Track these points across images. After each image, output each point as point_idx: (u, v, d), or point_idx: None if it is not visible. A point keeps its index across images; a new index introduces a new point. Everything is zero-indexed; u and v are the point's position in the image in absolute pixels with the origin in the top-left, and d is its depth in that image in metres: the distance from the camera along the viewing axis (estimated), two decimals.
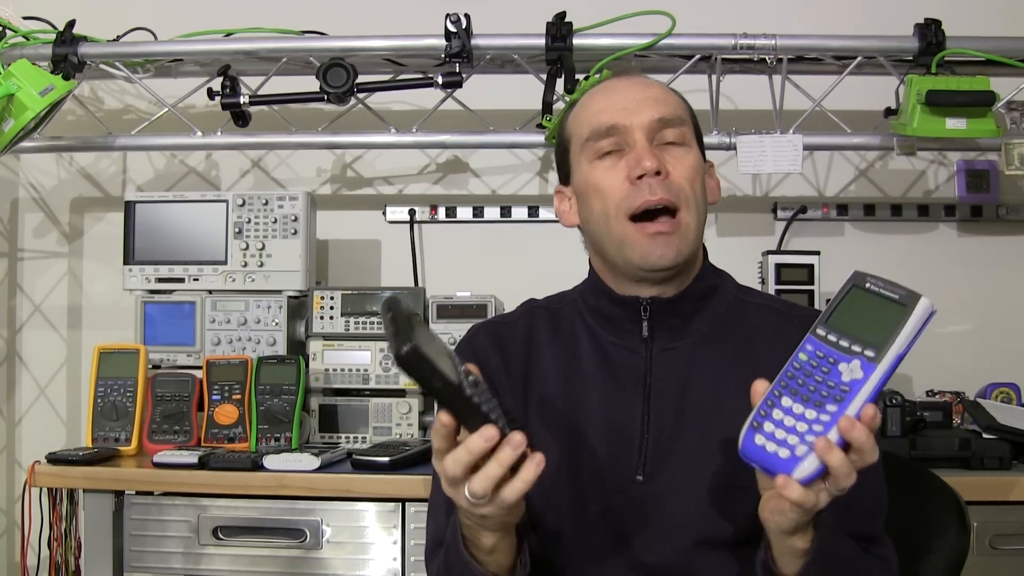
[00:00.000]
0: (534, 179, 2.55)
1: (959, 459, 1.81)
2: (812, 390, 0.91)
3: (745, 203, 2.51)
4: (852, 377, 0.89)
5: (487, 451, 0.89)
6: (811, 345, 0.93)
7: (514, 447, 0.88)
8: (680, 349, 1.16)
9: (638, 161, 1.11)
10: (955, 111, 1.97)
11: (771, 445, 0.90)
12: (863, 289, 0.94)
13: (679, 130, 1.15)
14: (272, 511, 1.87)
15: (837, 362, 0.91)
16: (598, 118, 1.15)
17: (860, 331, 0.91)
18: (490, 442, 0.88)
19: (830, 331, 0.93)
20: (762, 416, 0.92)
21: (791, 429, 0.90)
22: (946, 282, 2.44)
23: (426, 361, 0.86)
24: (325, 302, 2.20)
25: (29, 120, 2.03)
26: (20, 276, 2.65)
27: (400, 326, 0.87)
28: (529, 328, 1.23)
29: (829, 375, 0.91)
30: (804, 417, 0.90)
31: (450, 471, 0.91)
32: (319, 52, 2.15)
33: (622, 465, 1.12)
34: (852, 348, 0.91)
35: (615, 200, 1.13)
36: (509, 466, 0.89)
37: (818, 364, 0.92)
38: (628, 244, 1.12)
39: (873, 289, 0.93)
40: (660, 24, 2.06)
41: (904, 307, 0.90)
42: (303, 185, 2.56)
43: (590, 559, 1.12)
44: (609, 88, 1.19)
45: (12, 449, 2.62)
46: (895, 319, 0.90)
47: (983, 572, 1.71)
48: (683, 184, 1.12)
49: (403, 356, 0.85)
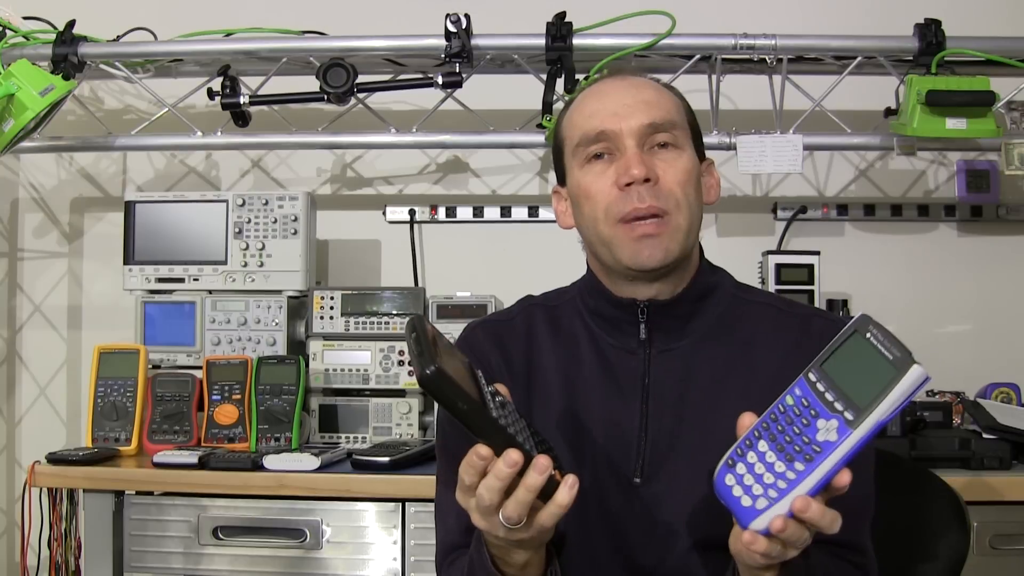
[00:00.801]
0: (534, 179, 2.55)
1: (959, 459, 1.81)
2: (788, 441, 0.87)
3: (745, 203, 2.51)
4: (826, 438, 0.85)
5: (513, 476, 0.88)
6: (800, 390, 0.89)
7: (539, 472, 0.88)
8: (678, 351, 1.15)
9: (627, 168, 1.11)
10: (955, 111, 1.97)
11: (737, 489, 0.89)
12: (863, 338, 0.87)
13: (671, 134, 1.15)
14: (272, 511, 1.87)
15: (818, 416, 0.86)
16: (589, 123, 1.15)
17: (848, 386, 0.86)
18: (514, 467, 0.87)
19: (820, 378, 0.88)
20: (738, 455, 0.90)
21: (759, 477, 0.88)
22: (946, 282, 2.44)
23: (450, 383, 0.84)
24: (325, 302, 2.20)
25: (29, 120, 2.03)
26: (20, 276, 2.65)
27: (424, 346, 0.86)
28: (528, 327, 1.22)
29: (807, 429, 0.86)
30: (773, 468, 0.87)
31: (485, 500, 0.89)
32: (319, 52, 2.15)
33: (620, 467, 1.12)
34: (835, 405, 0.86)
35: (604, 205, 1.13)
36: (537, 491, 0.88)
37: (800, 413, 0.88)
38: (617, 246, 1.12)
39: (872, 341, 0.86)
40: (660, 24, 2.06)
41: (896, 371, 0.83)
42: (303, 185, 2.56)
43: (589, 560, 1.12)
44: (601, 91, 1.18)
45: (12, 449, 2.62)
46: (883, 382, 0.83)
47: (983, 572, 1.71)
48: (673, 188, 1.12)
49: (427, 378, 0.84)
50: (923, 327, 2.41)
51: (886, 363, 0.84)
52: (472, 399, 0.86)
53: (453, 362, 0.88)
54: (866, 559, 1.08)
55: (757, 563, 0.90)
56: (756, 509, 0.87)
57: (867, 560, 1.08)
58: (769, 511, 0.86)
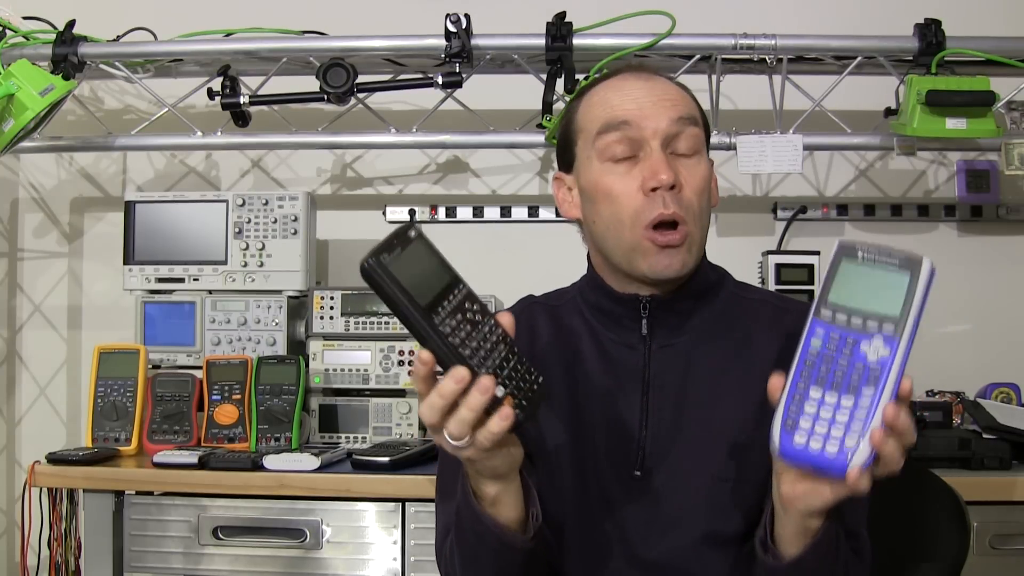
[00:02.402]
0: (534, 179, 2.55)
1: (959, 459, 1.81)
2: (840, 376, 0.86)
3: (745, 203, 2.51)
4: (879, 356, 0.85)
5: (457, 393, 0.88)
6: (821, 329, 0.88)
7: (480, 391, 0.87)
8: (678, 346, 1.16)
9: (654, 173, 1.10)
10: (955, 111, 1.97)
11: (815, 443, 0.85)
12: (856, 260, 0.89)
13: (693, 136, 1.14)
14: (272, 511, 1.87)
15: (857, 342, 0.86)
16: (612, 112, 1.13)
17: (868, 305, 0.87)
18: (460, 383, 0.87)
19: (836, 311, 0.88)
20: (793, 413, 0.87)
21: (831, 421, 0.85)
22: (946, 282, 2.40)
23: (388, 280, 0.85)
24: (325, 302, 2.20)
25: (29, 120, 2.03)
26: (20, 276, 2.65)
27: (383, 243, 0.87)
28: (530, 324, 1.23)
29: (853, 357, 0.86)
30: (841, 406, 0.85)
31: (426, 417, 0.90)
32: (319, 52, 2.15)
33: (621, 460, 1.13)
34: (868, 325, 0.86)
35: (629, 210, 1.11)
36: (479, 410, 0.88)
37: (836, 348, 0.87)
38: (639, 253, 1.12)
39: (867, 259, 0.88)
40: (660, 24, 2.06)
41: (908, 272, 0.86)
42: (303, 185, 2.56)
43: (590, 554, 1.13)
44: (623, 85, 1.16)
45: (12, 449, 2.62)
46: (902, 286, 0.86)
47: (983, 572, 1.71)
48: (693, 199, 1.12)
49: (363, 269, 0.86)
50: (923, 327, 2.38)
51: (894, 270, 0.87)
52: (412, 303, 0.86)
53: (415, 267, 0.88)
54: (860, 543, 1.09)
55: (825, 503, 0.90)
56: (847, 448, 0.84)
57: (861, 544, 1.09)
58: (864, 442, 0.84)
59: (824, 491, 0.90)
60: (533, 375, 0.94)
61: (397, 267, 0.87)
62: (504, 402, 0.89)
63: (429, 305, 0.88)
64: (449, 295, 0.90)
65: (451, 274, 0.93)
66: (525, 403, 0.91)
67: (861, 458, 0.84)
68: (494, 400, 0.89)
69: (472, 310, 0.91)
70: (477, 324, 0.91)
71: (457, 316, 0.89)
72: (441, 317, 0.88)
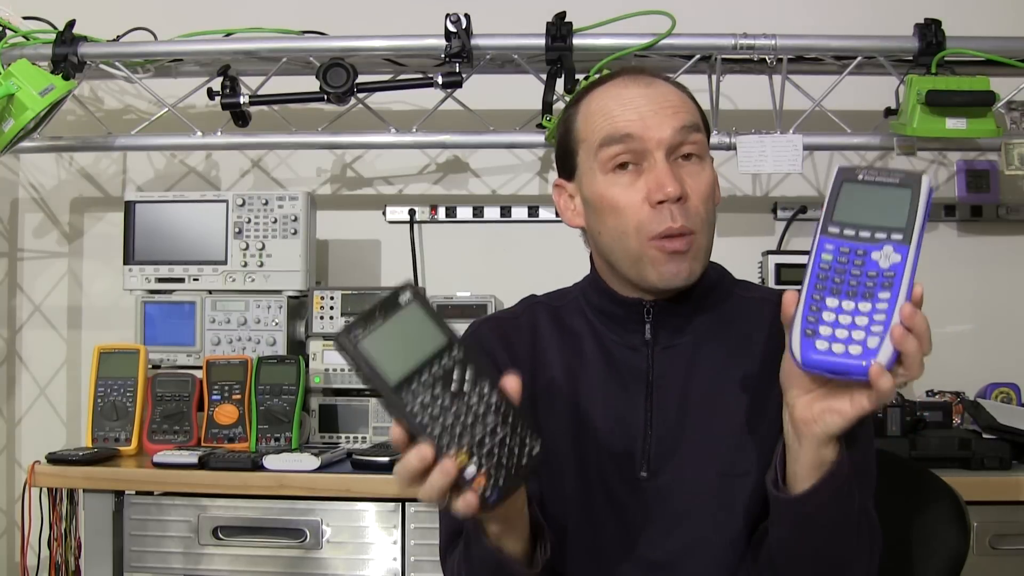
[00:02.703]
0: (534, 179, 2.55)
1: (959, 459, 1.81)
2: (855, 284, 0.90)
3: (745, 203, 2.51)
4: (891, 262, 0.89)
5: (422, 471, 0.86)
6: (830, 244, 0.92)
7: (442, 473, 0.86)
8: (681, 347, 1.16)
9: (660, 186, 1.08)
10: (955, 111, 1.97)
11: (838, 346, 0.88)
12: (857, 182, 0.93)
13: (696, 143, 1.13)
14: (272, 511, 1.87)
15: (867, 252, 0.90)
16: (614, 125, 1.12)
17: (873, 219, 0.91)
18: (423, 463, 0.86)
19: (843, 227, 0.92)
20: (812, 323, 0.90)
21: (851, 326, 0.88)
22: (946, 282, 2.43)
23: (357, 355, 0.85)
24: (325, 302, 2.20)
25: (29, 120, 2.03)
26: (20, 276, 2.65)
27: (364, 314, 0.86)
28: (532, 323, 1.23)
29: (866, 266, 0.90)
30: (859, 311, 0.88)
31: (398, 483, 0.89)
32: (319, 52, 2.15)
33: (626, 462, 1.13)
34: (876, 236, 0.91)
35: (635, 222, 1.10)
36: (442, 489, 0.87)
37: (847, 260, 0.91)
38: (647, 264, 1.11)
39: (868, 179, 0.93)
40: (660, 24, 2.06)
41: (909, 188, 0.91)
42: (303, 185, 2.56)
43: (596, 555, 1.13)
44: (622, 93, 1.14)
45: (12, 449, 2.62)
46: (905, 200, 0.91)
47: (983, 572, 1.72)
48: (699, 207, 1.11)
49: (335, 341, 0.86)
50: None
51: (894, 187, 0.92)
52: (381, 381, 0.85)
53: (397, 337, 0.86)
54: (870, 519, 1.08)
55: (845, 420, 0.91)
56: (869, 349, 0.87)
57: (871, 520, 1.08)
58: (885, 342, 0.87)
59: (843, 407, 0.91)
60: (527, 445, 0.90)
61: (370, 341, 0.85)
62: (474, 484, 0.87)
63: (402, 381, 0.86)
64: (433, 365, 0.88)
65: (443, 340, 0.89)
66: (502, 482, 0.88)
67: (884, 357, 0.87)
68: (463, 480, 0.86)
69: (460, 379, 0.88)
70: (461, 395, 0.88)
71: (435, 389, 0.87)
72: (412, 394, 0.86)
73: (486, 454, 0.88)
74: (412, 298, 0.88)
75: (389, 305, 0.87)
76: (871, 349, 0.87)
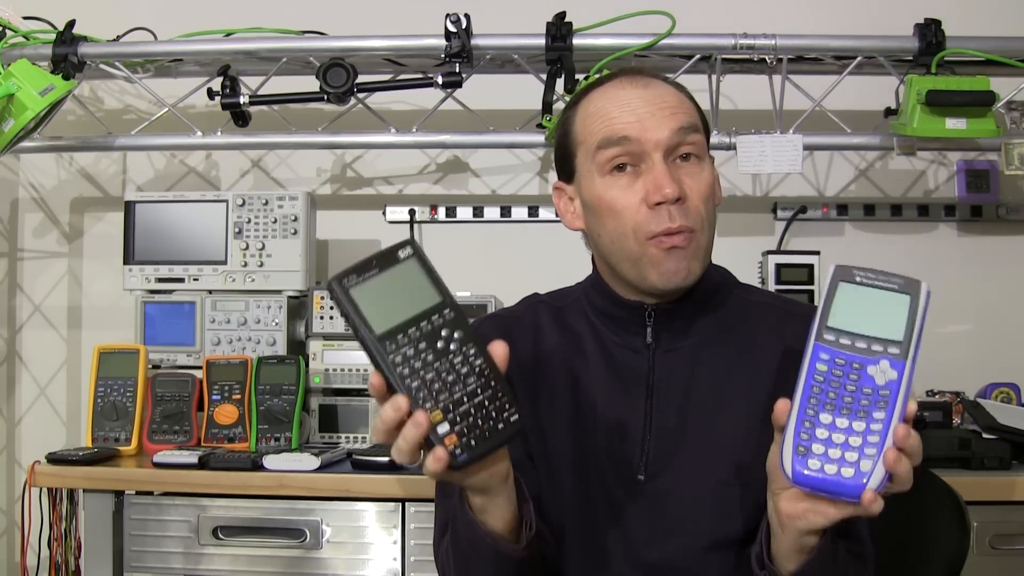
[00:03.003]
0: (534, 179, 2.55)
1: (959, 459, 1.81)
2: (849, 401, 0.87)
3: (745, 203, 2.51)
4: (887, 379, 0.87)
5: (397, 422, 0.87)
6: (825, 354, 0.89)
7: (414, 425, 0.86)
8: (683, 350, 1.16)
9: (657, 187, 1.08)
10: (955, 111, 1.97)
11: (830, 467, 0.86)
12: (855, 284, 0.91)
13: (695, 143, 1.13)
14: (272, 511, 1.87)
15: (864, 366, 0.88)
16: (611, 128, 1.12)
17: (870, 329, 0.88)
18: (398, 413, 0.87)
19: (839, 335, 0.89)
20: (805, 440, 0.87)
21: (844, 445, 0.86)
22: (946, 282, 2.43)
23: (346, 301, 0.86)
24: (325, 302, 2.20)
25: (29, 120, 2.02)
26: (20, 276, 2.65)
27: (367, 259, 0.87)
28: (535, 322, 1.22)
29: (861, 381, 0.87)
30: (853, 430, 0.86)
31: (375, 436, 0.90)
32: (319, 52, 2.15)
33: (625, 464, 1.13)
34: (873, 348, 0.88)
35: (632, 223, 1.10)
36: (414, 442, 0.87)
37: (843, 373, 0.88)
38: (646, 265, 1.11)
39: (866, 282, 0.90)
40: (660, 24, 2.06)
41: (908, 295, 0.89)
42: (303, 185, 2.56)
43: (592, 557, 1.13)
44: (620, 96, 1.14)
45: (12, 449, 2.62)
46: (904, 308, 0.88)
47: (983, 572, 1.72)
48: (699, 207, 1.11)
49: (328, 286, 0.87)
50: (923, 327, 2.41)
51: (894, 293, 0.89)
52: (366, 328, 0.87)
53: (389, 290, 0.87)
54: (863, 547, 1.08)
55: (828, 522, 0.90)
56: (862, 471, 0.85)
57: (864, 548, 1.08)
58: (879, 465, 0.85)
59: (827, 510, 0.89)
60: (505, 413, 0.90)
61: (362, 289, 0.87)
62: (444, 440, 0.87)
63: (387, 332, 0.87)
64: (422, 321, 0.88)
65: (437, 299, 0.90)
66: (474, 443, 0.88)
67: (877, 479, 0.85)
68: (435, 435, 0.87)
69: (447, 338, 0.89)
70: (446, 353, 0.88)
71: (420, 344, 0.88)
72: (396, 344, 0.87)
73: (461, 413, 0.88)
74: (412, 254, 0.90)
75: (387, 257, 0.89)
76: (864, 472, 0.85)
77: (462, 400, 0.89)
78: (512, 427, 0.90)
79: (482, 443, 0.89)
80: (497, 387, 0.90)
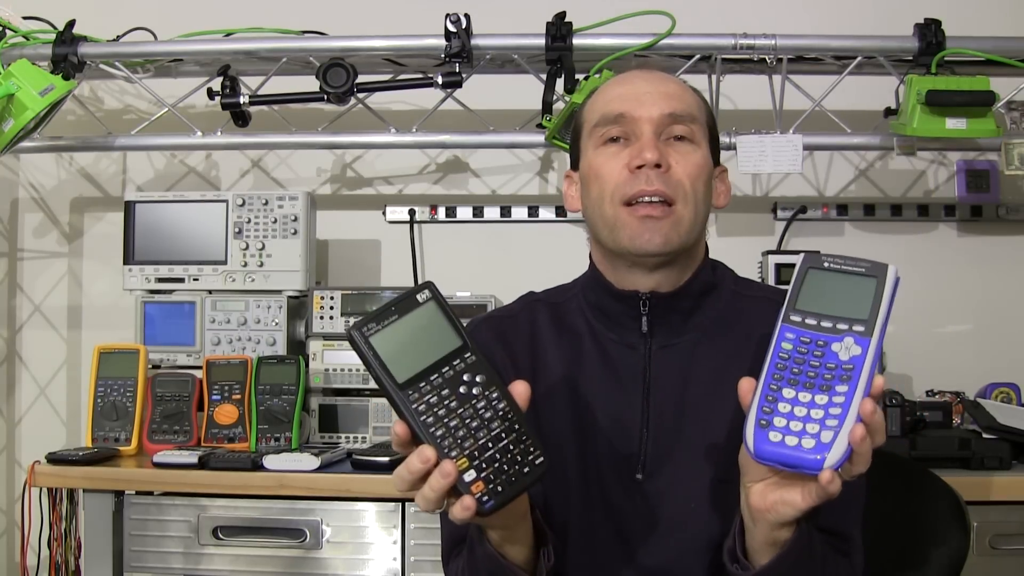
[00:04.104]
0: (534, 179, 2.55)
1: (959, 459, 1.81)
2: (813, 376, 0.88)
3: (745, 203, 2.51)
4: (851, 354, 0.88)
5: (424, 472, 0.87)
6: (791, 333, 0.91)
7: (442, 475, 0.86)
8: (679, 347, 1.16)
9: (639, 152, 1.12)
10: (955, 111, 1.97)
11: (791, 439, 0.85)
12: (822, 269, 0.93)
13: (688, 127, 1.15)
14: (272, 511, 1.87)
15: (828, 343, 0.89)
16: (609, 106, 1.16)
17: (836, 309, 0.90)
18: (425, 464, 0.87)
19: (805, 315, 0.91)
20: (767, 413, 0.88)
21: (806, 418, 0.86)
22: (946, 282, 2.44)
23: (367, 349, 0.85)
24: (325, 302, 2.20)
25: (29, 120, 2.03)
26: (20, 276, 2.65)
27: (387, 305, 0.87)
28: (531, 322, 1.23)
29: (825, 357, 0.88)
30: (815, 403, 0.87)
31: (396, 486, 0.90)
32: (319, 52, 2.15)
33: (623, 463, 1.13)
34: (838, 327, 0.90)
35: (612, 186, 1.13)
36: (441, 492, 0.87)
37: (807, 350, 0.89)
38: (619, 227, 1.12)
39: (833, 267, 0.93)
40: (660, 24, 2.06)
41: (875, 278, 0.91)
42: (303, 185, 2.56)
43: (591, 555, 1.13)
44: (625, 80, 1.20)
45: (12, 449, 2.62)
46: (870, 290, 0.90)
47: (983, 572, 1.72)
48: (683, 179, 1.12)
49: (348, 334, 0.87)
50: (923, 327, 2.41)
51: (860, 277, 0.91)
52: (388, 378, 0.86)
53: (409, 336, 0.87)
54: (850, 546, 1.08)
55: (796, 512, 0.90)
56: (823, 443, 0.85)
57: (851, 547, 1.08)
58: (840, 437, 0.85)
59: (795, 499, 0.89)
60: (530, 456, 0.89)
61: (381, 338, 0.86)
62: (472, 488, 0.87)
63: (409, 380, 0.87)
64: (443, 367, 0.88)
65: (457, 342, 0.90)
66: (501, 488, 0.87)
67: (838, 453, 0.85)
68: (462, 483, 0.87)
69: (470, 383, 0.89)
70: (469, 399, 0.88)
71: (443, 391, 0.88)
72: (419, 393, 0.87)
73: (487, 459, 0.88)
74: (430, 297, 0.90)
75: (406, 302, 0.88)
76: (825, 443, 0.85)
77: (487, 446, 0.88)
78: (538, 470, 0.90)
79: (508, 488, 0.88)
80: (521, 430, 0.90)
